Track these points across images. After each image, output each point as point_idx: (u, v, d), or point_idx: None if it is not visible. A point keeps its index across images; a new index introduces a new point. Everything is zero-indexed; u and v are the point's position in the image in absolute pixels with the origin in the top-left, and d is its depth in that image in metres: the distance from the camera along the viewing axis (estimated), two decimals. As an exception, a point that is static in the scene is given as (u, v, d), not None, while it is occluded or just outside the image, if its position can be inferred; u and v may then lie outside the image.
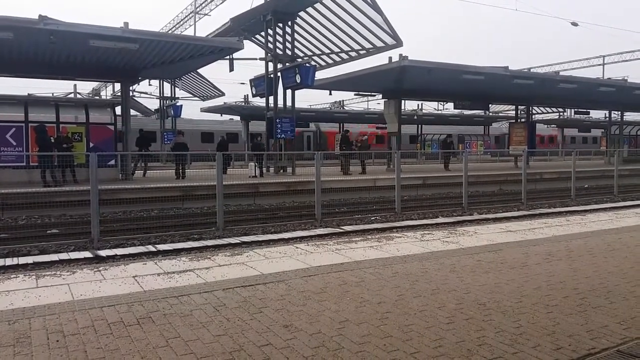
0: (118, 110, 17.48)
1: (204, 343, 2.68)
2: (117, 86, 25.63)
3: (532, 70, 33.10)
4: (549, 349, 2.60)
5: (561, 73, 28.32)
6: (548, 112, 40.46)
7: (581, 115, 38.61)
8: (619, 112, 31.92)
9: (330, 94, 36.90)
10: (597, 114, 42.38)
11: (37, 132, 14.07)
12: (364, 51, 18.68)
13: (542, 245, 5.39)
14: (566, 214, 9.36)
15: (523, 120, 27.68)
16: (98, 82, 36.94)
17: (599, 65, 37.88)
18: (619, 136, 31.15)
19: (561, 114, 41.42)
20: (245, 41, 17.63)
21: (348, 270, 4.29)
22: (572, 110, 37.54)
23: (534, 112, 33.80)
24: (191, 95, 33.68)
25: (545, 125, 45.95)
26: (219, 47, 16.17)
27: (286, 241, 7.41)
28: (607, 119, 33.62)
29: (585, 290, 3.64)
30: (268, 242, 7.45)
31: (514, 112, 29.54)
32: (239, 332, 2.84)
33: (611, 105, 30.26)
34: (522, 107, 27.99)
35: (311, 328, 2.90)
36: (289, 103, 20.08)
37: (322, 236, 8.14)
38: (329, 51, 20.13)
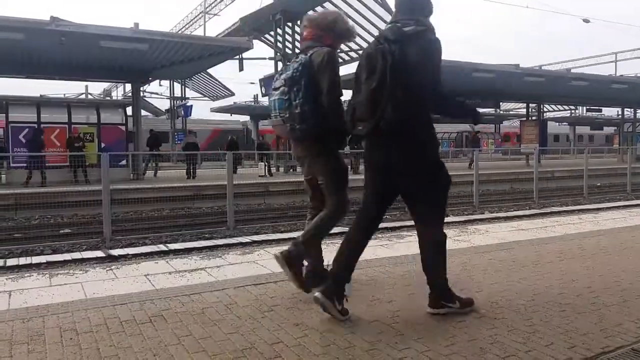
0: (129, 110, 17.62)
1: (215, 341, 2.69)
2: (128, 87, 25.84)
3: (543, 67, 32.83)
4: (562, 348, 2.57)
5: (573, 70, 28.11)
6: (559, 110, 40.08)
7: (593, 113, 38.27)
8: (632, 110, 31.56)
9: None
10: (609, 112, 41.94)
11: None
12: (374, 50, 18.63)
13: (555, 244, 5.35)
14: (578, 212, 9.28)
15: (534, 118, 27.46)
16: (109, 83, 37.28)
17: (611, 62, 37.52)
18: (632, 134, 30.82)
19: (573, 111, 41.03)
20: (254, 41, 17.71)
21: (358, 268, 4.25)
22: (584, 107, 37.22)
23: (545, 109, 33.52)
24: (201, 95, 33.83)
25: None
26: (228, 47, 16.24)
27: (296, 240, 7.41)
28: (620, 116, 33.25)
29: (599, 289, 3.60)
30: (278, 241, 7.46)
31: (524, 110, 29.35)
32: (251, 330, 2.85)
33: (624, 102, 29.91)
34: (533, 104, 27.78)
35: (322, 326, 2.91)
36: (298, 102, 20.09)
37: (332, 235, 8.10)
38: (338, 50, 20.11)
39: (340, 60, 20.96)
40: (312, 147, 3.40)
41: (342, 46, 19.95)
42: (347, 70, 22.01)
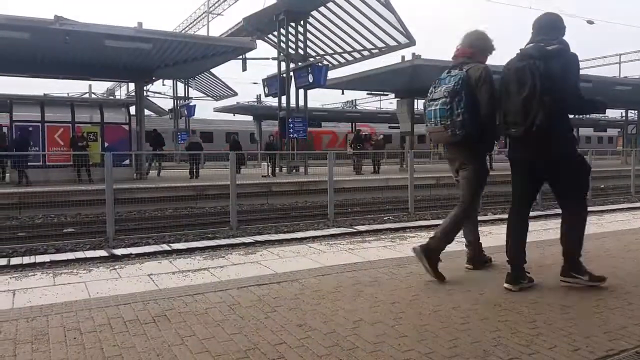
0: (132, 110, 17.63)
1: (218, 341, 2.69)
2: (132, 86, 25.88)
3: (547, 68, 32.68)
4: (565, 350, 2.57)
5: (577, 71, 27.85)
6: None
7: (597, 115, 38.11)
8: (636, 111, 31.43)
9: (343, 93, 36.89)
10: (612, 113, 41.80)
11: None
12: (377, 50, 18.64)
13: (558, 246, 5.26)
14: (582, 214, 9.22)
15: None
16: (112, 82, 37.33)
17: (616, 63, 37.37)
18: (636, 135, 30.71)
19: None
20: (257, 41, 17.72)
21: (362, 269, 4.28)
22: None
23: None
24: (204, 95, 33.84)
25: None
26: (232, 47, 16.24)
27: (299, 240, 7.43)
28: (624, 118, 33.12)
29: (603, 291, 3.59)
30: (281, 242, 7.48)
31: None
32: (254, 330, 2.85)
33: (628, 104, 29.80)
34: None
35: (325, 327, 2.90)
36: (301, 102, 20.11)
37: (335, 236, 8.15)
38: (341, 50, 20.12)
39: (336, 62, 20.98)
40: (467, 150, 4.00)
41: (338, 48, 19.94)
42: (344, 72, 21.99)
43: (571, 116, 3.75)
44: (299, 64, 19.30)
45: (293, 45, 19.62)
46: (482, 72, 3.82)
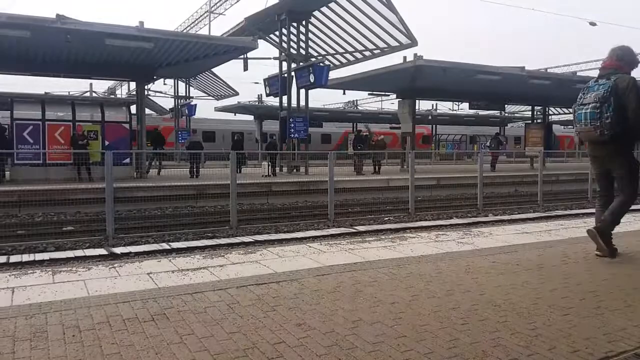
0: (133, 109, 17.59)
1: (217, 340, 2.69)
2: (133, 85, 25.88)
3: (548, 70, 32.70)
4: (565, 352, 2.56)
5: (579, 73, 27.95)
6: (565, 113, 39.88)
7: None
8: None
9: (344, 93, 36.85)
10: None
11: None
12: (379, 51, 18.60)
13: (559, 247, 5.32)
14: (583, 215, 9.24)
15: (539, 121, 27.37)
16: (114, 81, 37.31)
17: (617, 65, 37.19)
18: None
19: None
20: (259, 40, 17.71)
21: (361, 270, 4.27)
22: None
23: (550, 112, 33.41)
24: (205, 95, 33.81)
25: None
26: (233, 47, 16.22)
27: (299, 240, 7.42)
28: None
29: (603, 293, 3.58)
30: (281, 241, 7.47)
31: (530, 112, 29.20)
32: (253, 329, 2.85)
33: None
34: (539, 107, 27.67)
35: (324, 327, 2.90)
36: (302, 102, 20.08)
37: (335, 236, 8.14)
38: (343, 51, 20.09)
39: (338, 62, 20.99)
40: (615, 149, 4.59)
41: (339, 48, 19.95)
42: (346, 72, 21.99)
43: None
44: (301, 63, 19.29)
45: (295, 45, 19.61)
46: (629, 82, 4.42)
